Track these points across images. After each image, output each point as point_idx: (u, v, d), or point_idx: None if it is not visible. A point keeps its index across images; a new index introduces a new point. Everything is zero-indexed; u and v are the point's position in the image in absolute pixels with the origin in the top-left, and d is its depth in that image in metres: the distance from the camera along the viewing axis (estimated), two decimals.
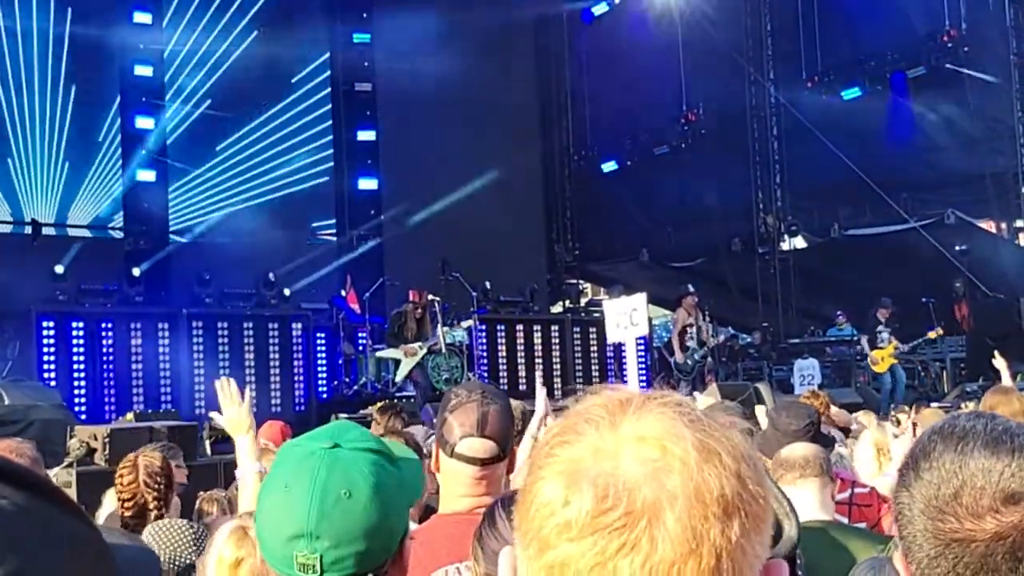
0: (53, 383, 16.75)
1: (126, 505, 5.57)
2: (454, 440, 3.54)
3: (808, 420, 5.60)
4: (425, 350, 19.03)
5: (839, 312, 24.14)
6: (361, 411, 15.04)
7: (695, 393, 14.12)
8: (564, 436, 1.24)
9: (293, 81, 27.93)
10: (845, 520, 5.39)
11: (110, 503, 6.18)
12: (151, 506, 5.56)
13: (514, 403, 5.45)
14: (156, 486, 5.63)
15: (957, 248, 22.88)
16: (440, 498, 3.68)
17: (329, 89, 28.55)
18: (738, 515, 1.18)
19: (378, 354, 20.36)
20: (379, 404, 11.95)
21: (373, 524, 2.05)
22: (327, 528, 2.01)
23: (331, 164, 28.52)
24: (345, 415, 14.23)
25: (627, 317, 7.44)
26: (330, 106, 28.55)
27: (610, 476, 1.18)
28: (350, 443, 2.10)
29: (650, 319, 22.07)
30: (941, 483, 1.67)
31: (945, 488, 1.66)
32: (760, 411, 9.21)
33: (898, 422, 11.90)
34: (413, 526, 3.54)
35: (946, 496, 1.65)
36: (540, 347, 22.44)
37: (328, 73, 28.63)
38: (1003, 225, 24.53)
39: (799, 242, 27.95)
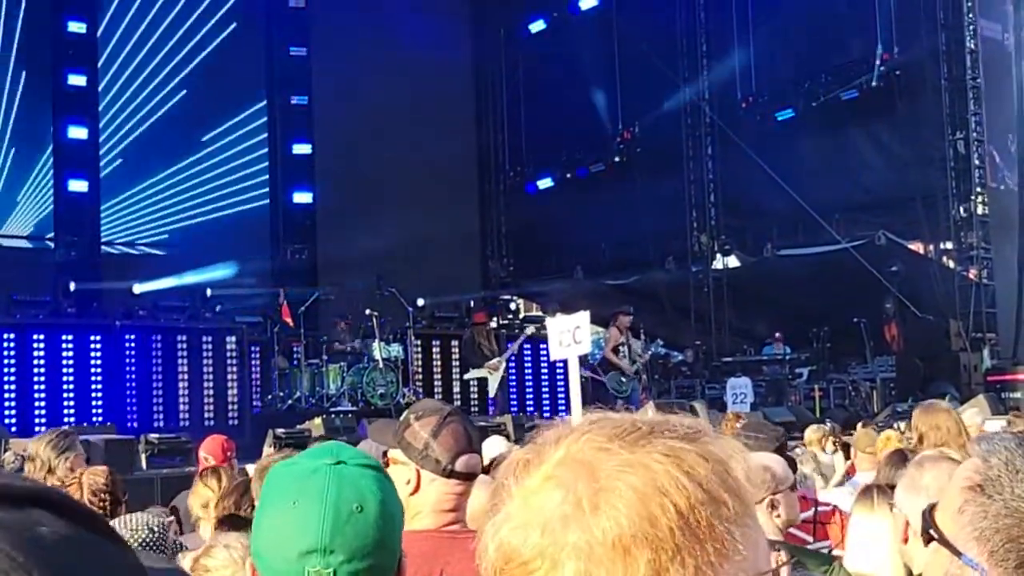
0: None
1: None
2: (447, 459, 3.53)
3: (777, 443, 5.64)
4: (505, 362, 19.80)
5: (777, 333, 24.38)
6: (298, 425, 14.97)
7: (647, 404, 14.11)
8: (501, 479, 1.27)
9: (230, 95, 27.73)
10: (810, 538, 5.43)
11: None
12: None
13: None
14: (101, 504, 5.57)
15: (888, 269, 23.17)
16: (407, 516, 3.66)
17: (265, 101, 28.40)
18: (652, 552, 1.14)
19: (467, 376, 20.95)
20: (318, 420, 11.96)
21: (382, 539, 2.06)
22: (341, 542, 2.01)
23: (266, 177, 28.37)
24: (281, 430, 14.16)
25: (570, 335, 7.44)
26: (265, 119, 28.40)
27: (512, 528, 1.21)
28: (352, 460, 2.10)
29: None
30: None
31: None
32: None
33: (837, 442, 12.02)
34: None
35: None
36: None
37: (264, 83, 28.50)
38: (932, 247, 24.82)
39: (732, 261, 28.17)
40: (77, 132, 24.54)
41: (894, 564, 3.97)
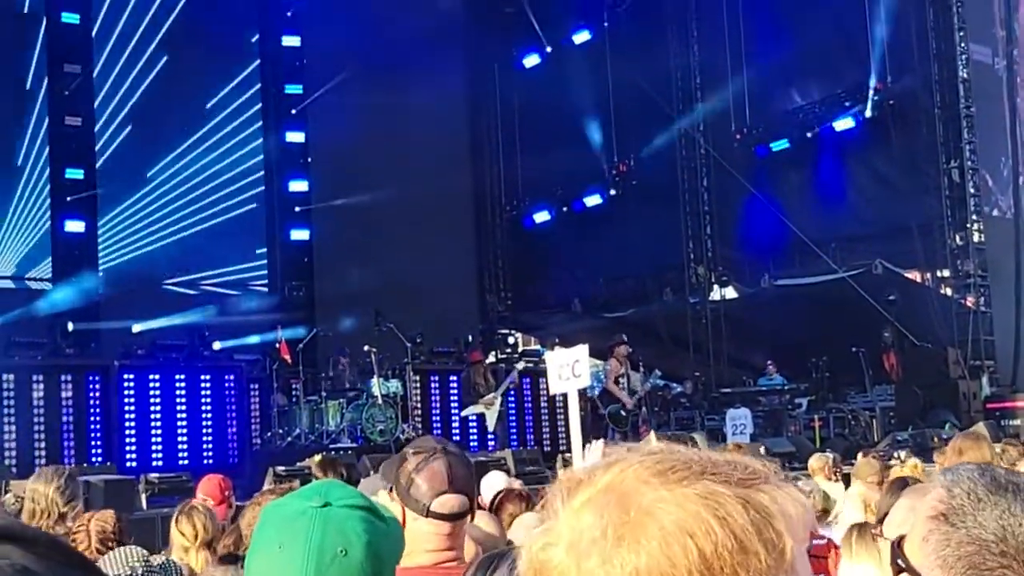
0: None
1: None
2: (426, 499, 3.51)
3: None
4: (500, 398, 20.15)
5: (769, 361, 24.33)
6: (298, 463, 14.95)
7: (651, 434, 14.11)
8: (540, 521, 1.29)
9: (225, 131, 27.76)
10: None
11: None
12: None
13: None
14: (108, 549, 5.53)
15: (885, 298, 23.18)
16: (404, 552, 3.66)
17: (261, 139, 28.45)
18: None
19: (463, 412, 21.08)
20: (318, 457, 11.92)
21: None
22: None
23: (263, 214, 28.39)
24: (281, 467, 14.14)
25: (569, 368, 7.44)
26: (262, 156, 28.44)
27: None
28: (340, 501, 2.09)
29: None
30: (987, 525, 1.72)
31: (990, 531, 1.71)
32: None
33: (835, 472, 11.99)
34: None
35: (990, 539, 1.70)
36: None
37: (260, 123, 28.56)
38: (929, 275, 24.86)
39: (730, 292, 28.20)
40: (74, 173, 24.52)
41: None
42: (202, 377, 19.63)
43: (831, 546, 5.98)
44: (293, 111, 28.37)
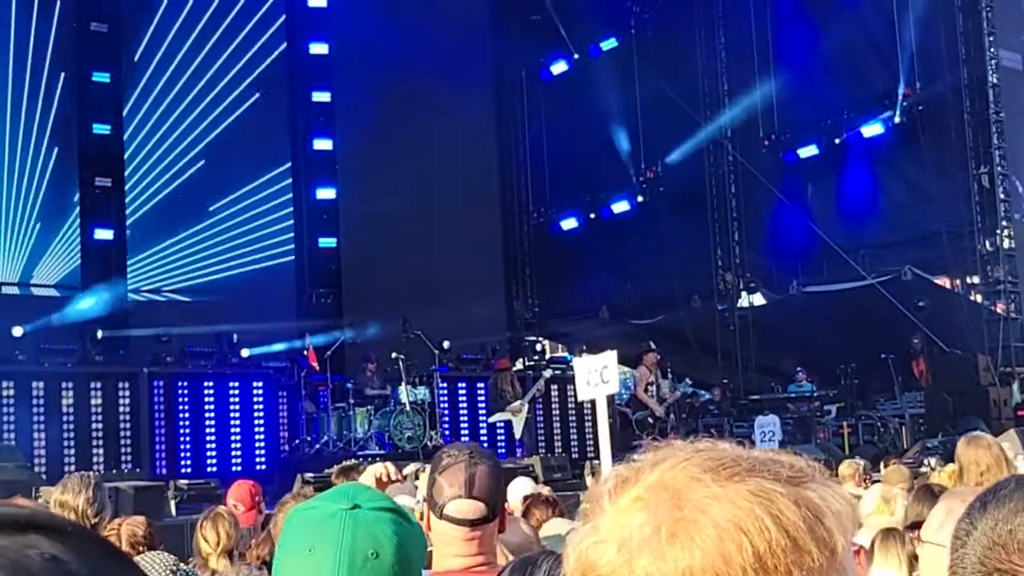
0: (13, 443, 16.61)
1: None
2: (443, 501, 3.56)
3: None
4: (527, 405, 20.31)
5: (799, 368, 24.25)
6: (326, 470, 14.97)
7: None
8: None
9: (246, 128, 27.79)
10: None
11: None
12: None
13: None
14: (139, 555, 5.53)
15: (915, 304, 23.08)
16: (433, 557, 3.69)
17: (289, 149, 28.50)
18: None
19: (490, 419, 21.27)
20: (339, 465, 11.95)
21: None
22: None
23: (291, 222, 28.44)
24: (310, 474, 14.18)
25: (597, 375, 7.43)
26: (290, 165, 28.49)
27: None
28: (369, 503, 2.09)
29: None
30: (1003, 518, 1.70)
31: (1004, 524, 1.70)
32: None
33: (866, 477, 11.94)
34: None
35: (1003, 530, 1.69)
36: None
37: (287, 130, 28.63)
38: (958, 281, 24.74)
39: (758, 299, 28.11)
40: (103, 181, 24.61)
41: None
42: (231, 384, 19.75)
43: (861, 550, 5.96)
44: (321, 118, 28.42)
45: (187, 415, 19.01)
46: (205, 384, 19.49)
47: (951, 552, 1.78)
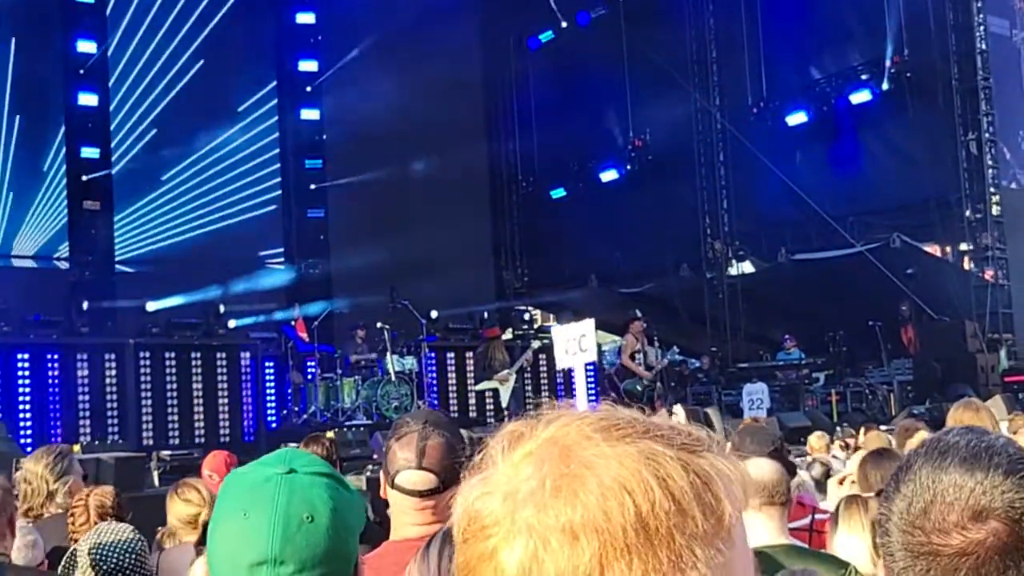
0: None
1: None
2: (394, 471, 3.55)
3: (772, 447, 5.59)
4: (515, 374, 20.29)
5: (787, 336, 24.27)
6: None
7: (676, 407, 14.14)
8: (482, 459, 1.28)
9: (240, 110, 27.74)
10: (804, 547, 5.36)
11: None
12: None
13: (460, 431, 5.46)
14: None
15: (903, 272, 23.08)
16: (392, 525, 3.67)
17: (276, 118, 28.42)
18: (600, 544, 1.14)
19: (476, 387, 21.38)
20: (308, 436, 11.97)
21: (334, 548, 2.02)
22: (291, 553, 1.98)
23: (279, 192, 28.40)
24: (295, 444, 14.14)
25: (576, 343, 7.40)
26: (277, 134, 28.43)
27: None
28: (304, 468, 2.07)
29: (599, 344, 22.24)
30: (914, 497, 1.67)
31: (917, 502, 1.66)
32: None
33: (847, 446, 11.98)
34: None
35: (916, 510, 1.66)
36: None
37: (275, 101, 28.53)
38: (948, 248, 24.74)
39: (747, 267, 28.13)
40: (89, 152, 24.55)
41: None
42: (218, 355, 19.71)
43: (829, 518, 5.93)
44: (308, 88, 28.33)
45: (174, 386, 18.95)
46: (192, 355, 19.43)
47: (879, 540, 1.74)
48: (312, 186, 28.20)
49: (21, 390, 17.45)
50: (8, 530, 4.66)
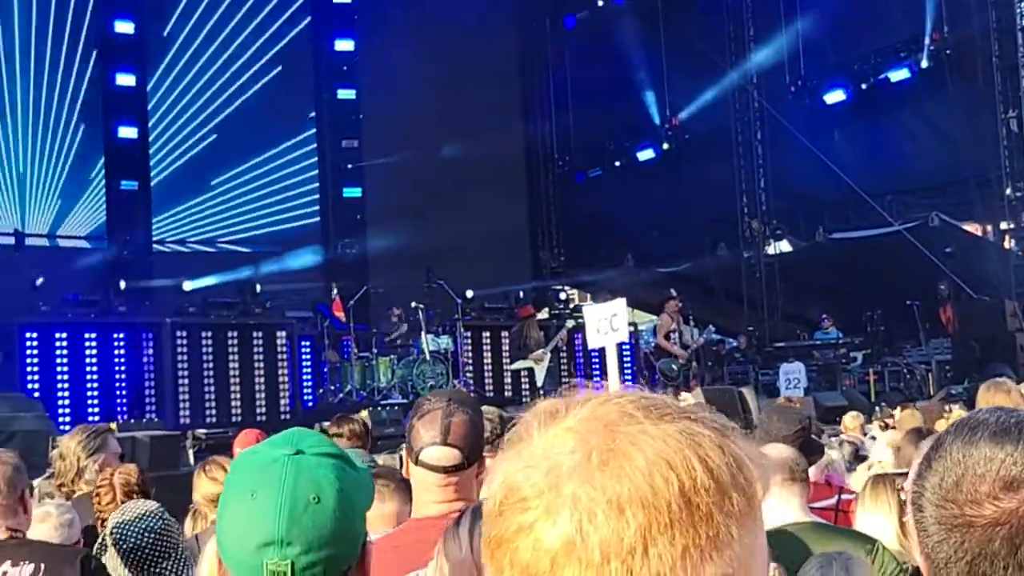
0: (37, 394, 16.68)
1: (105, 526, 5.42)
2: (418, 448, 3.57)
3: (799, 426, 5.57)
4: (549, 354, 20.38)
5: (824, 315, 24.15)
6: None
7: (683, 394, 14.17)
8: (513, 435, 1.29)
9: (270, 79, 27.84)
10: (830, 524, 5.34)
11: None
12: None
13: (493, 410, 5.46)
14: None
15: (942, 251, 22.93)
16: (413, 503, 3.67)
17: (313, 100, 28.53)
18: (645, 518, 1.16)
19: (512, 366, 21.36)
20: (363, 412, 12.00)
21: (340, 529, 2.02)
22: (298, 534, 1.98)
23: (316, 172, 28.50)
24: (328, 423, 14.18)
25: (607, 323, 7.41)
26: (314, 114, 28.53)
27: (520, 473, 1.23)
28: (312, 448, 2.07)
29: (635, 324, 22.24)
30: (946, 472, 1.70)
31: (949, 476, 1.69)
32: None
33: (885, 426, 11.92)
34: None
35: (949, 484, 1.69)
36: None
37: (312, 80, 28.65)
38: (988, 227, 24.56)
39: (784, 246, 28.01)
40: (127, 132, 24.71)
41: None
42: (254, 334, 19.74)
43: (855, 498, 5.90)
44: (344, 68, 28.37)
45: (211, 365, 19.01)
46: (229, 334, 19.49)
47: (913, 517, 1.76)
48: (348, 165, 28.26)
49: (60, 369, 17.55)
50: (21, 506, 4.68)
